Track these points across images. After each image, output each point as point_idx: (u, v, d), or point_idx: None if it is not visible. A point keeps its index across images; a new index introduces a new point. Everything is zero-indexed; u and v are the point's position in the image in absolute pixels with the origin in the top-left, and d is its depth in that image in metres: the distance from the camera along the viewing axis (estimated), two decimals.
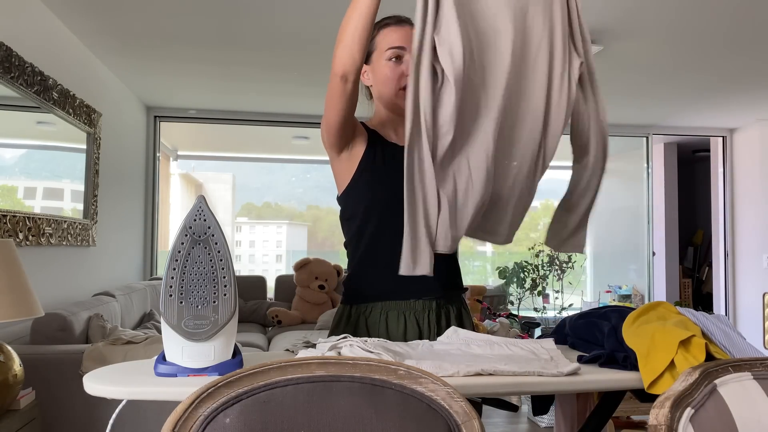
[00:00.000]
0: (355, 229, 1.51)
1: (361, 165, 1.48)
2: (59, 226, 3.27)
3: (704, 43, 3.71)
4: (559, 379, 1.13)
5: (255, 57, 3.98)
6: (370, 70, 1.53)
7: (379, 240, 1.49)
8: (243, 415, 0.84)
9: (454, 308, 1.56)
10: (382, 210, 1.47)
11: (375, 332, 1.49)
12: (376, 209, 1.48)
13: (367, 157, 1.48)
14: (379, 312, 1.49)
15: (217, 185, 12.79)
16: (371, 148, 1.49)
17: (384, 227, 1.47)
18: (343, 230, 1.57)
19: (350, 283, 1.55)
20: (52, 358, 2.60)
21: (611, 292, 7.00)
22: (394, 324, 1.48)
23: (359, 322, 1.50)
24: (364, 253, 1.51)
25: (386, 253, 1.45)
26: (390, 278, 1.39)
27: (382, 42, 1.50)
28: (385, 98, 1.52)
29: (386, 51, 1.49)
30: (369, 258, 1.51)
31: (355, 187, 1.49)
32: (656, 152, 7.25)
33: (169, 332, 1.09)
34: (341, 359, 0.90)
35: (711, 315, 1.30)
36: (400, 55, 1.49)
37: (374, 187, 1.48)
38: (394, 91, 1.49)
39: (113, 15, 3.27)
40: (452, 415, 0.86)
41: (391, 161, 1.48)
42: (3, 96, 2.69)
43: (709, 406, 0.94)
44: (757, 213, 6.06)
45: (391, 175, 1.45)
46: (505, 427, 3.80)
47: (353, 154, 1.48)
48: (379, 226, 1.48)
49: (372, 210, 1.48)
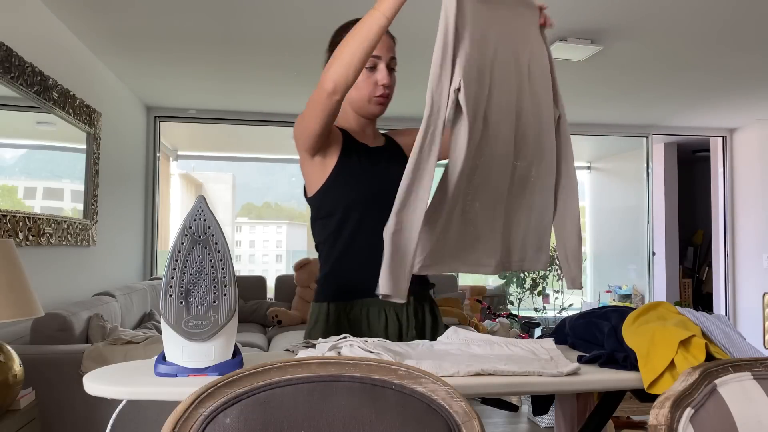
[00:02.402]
0: (333, 228, 1.52)
1: (337, 166, 1.50)
2: (59, 226, 3.27)
3: (704, 43, 3.71)
4: (559, 379, 1.13)
5: (255, 57, 3.98)
6: None
7: (357, 238, 1.51)
8: (243, 415, 0.84)
9: (427, 303, 1.62)
10: (360, 209, 1.50)
11: (357, 328, 1.51)
12: (354, 208, 1.50)
13: (343, 159, 1.50)
14: (360, 308, 1.52)
15: (217, 185, 12.78)
16: (346, 149, 1.52)
17: (362, 225, 1.51)
18: (316, 230, 1.57)
19: (328, 281, 1.55)
20: (52, 358, 2.60)
21: (611, 292, 7.00)
22: (375, 319, 1.52)
23: (340, 319, 1.51)
24: (343, 251, 1.52)
25: (364, 250, 1.50)
26: (370, 275, 1.43)
27: None
28: (356, 104, 1.55)
29: None
30: (347, 256, 1.52)
31: (332, 187, 1.50)
32: (656, 152, 7.25)
33: (169, 332, 1.09)
34: (341, 359, 0.90)
35: (711, 315, 1.30)
36: (375, 64, 1.51)
37: (351, 187, 1.50)
38: (367, 98, 1.52)
39: (113, 15, 3.27)
40: (452, 415, 0.86)
41: (365, 162, 1.53)
42: (3, 96, 2.69)
43: (709, 406, 0.94)
44: (757, 213, 6.06)
45: (366, 175, 1.51)
46: (505, 427, 3.80)
47: (328, 156, 1.49)
48: (356, 224, 1.51)
49: (350, 209, 1.51)
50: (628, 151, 7.05)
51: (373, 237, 1.47)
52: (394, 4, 1.27)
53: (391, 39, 1.54)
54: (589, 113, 5.72)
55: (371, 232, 1.48)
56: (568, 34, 3.55)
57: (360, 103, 1.54)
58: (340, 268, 1.53)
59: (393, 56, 1.54)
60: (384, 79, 1.51)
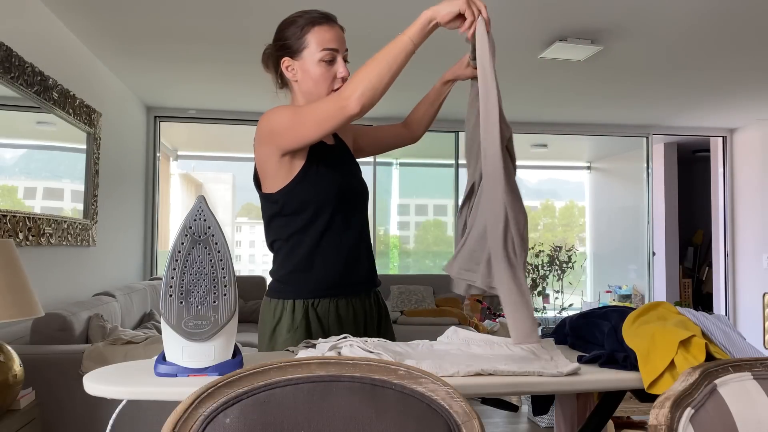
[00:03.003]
0: (300, 226, 1.50)
1: (305, 165, 1.48)
2: (59, 226, 3.27)
3: (704, 43, 3.71)
4: (559, 379, 1.13)
5: (255, 57, 3.95)
6: (299, 66, 1.51)
7: (325, 236, 1.51)
8: (243, 415, 0.84)
9: (380, 296, 1.67)
10: (329, 208, 1.50)
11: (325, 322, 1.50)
12: (324, 207, 1.50)
13: (311, 158, 1.49)
14: (328, 303, 1.52)
15: (217, 185, 12.79)
16: (312, 148, 1.51)
17: (331, 224, 1.51)
18: (275, 226, 1.53)
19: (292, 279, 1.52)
20: (52, 358, 2.61)
21: (611, 292, 7.00)
22: (343, 311, 1.53)
23: (309, 313, 1.50)
24: (311, 249, 1.51)
25: (333, 248, 1.51)
26: (337, 272, 1.51)
27: (316, 40, 1.48)
28: (315, 97, 1.51)
29: (321, 51, 1.48)
30: (317, 254, 1.51)
31: (300, 186, 1.48)
32: (656, 152, 7.25)
33: (169, 332, 1.09)
34: (341, 359, 0.90)
35: (711, 315, 1.30)
36: (334, 57, 1.49)
37: (322, 187, 1.49)
38: (326, 92, 1.50)
39: (113, 15, 3.27)
40: (452, 415, 0.86)
41: (331, 161, 1.53)
42: (3, 96, 2.69)
43: (709, 406, 0.94)
44: (757, 213, 6.06)
45: (334, 174, 1.52)
46: (505, 427, 3.80)
47: (297, 155, 1.47)
48: (326, 223, 1.50)
49: (320, 208, 1.50)
50: (628, 151, 7.05)
51: (340, 235, 1.52)
52: (422, 31, 1.30)
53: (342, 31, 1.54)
54: (589, 113, 5.72)
55: (338, 230, 1.51)
56: (568, 34, 3.55)
57: (319, 96, 1.51)
58: (310, 266, 1.51)
59: (346, 48, 1.54)
60: (344, 71, 1.50)
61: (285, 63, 1.52)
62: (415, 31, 1.30)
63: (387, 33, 3.54)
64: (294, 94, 1.57)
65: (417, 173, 7.11)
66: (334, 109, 1.33)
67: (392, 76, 1.31)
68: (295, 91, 1.56)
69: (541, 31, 3.53)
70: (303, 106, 1.41)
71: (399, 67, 1.31)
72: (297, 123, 1.39)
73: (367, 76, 1.31)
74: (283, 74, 1.55)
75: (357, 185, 1.59)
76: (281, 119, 1.42)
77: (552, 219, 9.31)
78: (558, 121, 6.08)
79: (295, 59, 1.51)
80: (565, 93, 4.97)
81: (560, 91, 4.91)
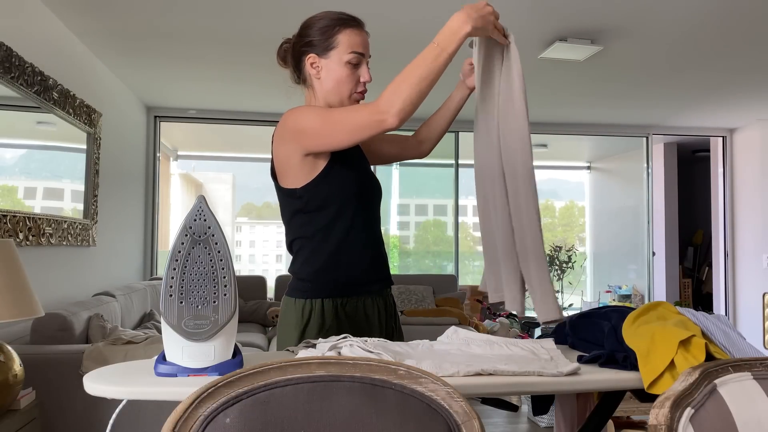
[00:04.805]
0: (326, 222, 1.49)
1: (330, 162, 1.48)
2: (59, 226, 3.27)
3: (704, 44, 3.71)
4: (559, 379, 1.13)
5: (255, 57, 3.98)
6: (324, 65, 1.51)
7: (350, 233, 1.51)
8: (243, 415, 0.84)
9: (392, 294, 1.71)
10: (353, 204, 1.51)
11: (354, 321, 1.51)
12: (349, 203, 1.50)
13: (333, 156, 1.49)
14: (355, 302, 1.52)
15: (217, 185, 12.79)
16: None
17: (355, 220, 1.51)
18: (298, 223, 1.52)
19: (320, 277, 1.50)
20: (52, 358, 2.61)
21: (611, 292, 7.00)
22: (370, 309, 1.54)
23: (339, 313, 1.50)
24: (338, 246, 1.50)
25: (359, 245, 1.51)
26: (363, 270, 1.51)
27: (346, 42, 1.49)
28: (335, 98, 1.52)
29: (349, 53, 1.49)
30: (343, 251, 1.50)
31: (325, 182, 1.48)
32: (656, 152, 7.25)
33: (169, 332, 1.09)
34: (341, 359, 0.90)
35: (711, 315, 1.30)
36: (360, 62, 1.51)
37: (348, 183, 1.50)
38: (348, 94, 1.52)
39: (113, 15, 3.27)
40: (452, 415, 0.86)
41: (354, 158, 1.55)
42: (3, 96, 2.69)
43: (709, 406, 0.94)
44: (757, 213, 6.06)
45: (358, 171, 1.53)
46: (505, 427, 3.80)
47: (321, 156, 1.47)
48: (351, 219, 1.51)
49: (345, 204, 1.50)
50: (628, 151, 7.05)
51: (364, 232, 1.53)
52: (455, 41, 1.33)
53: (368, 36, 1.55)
54: (589, 113, 5.72)
55: (362, 228, 1.52)
56: (568, 34, 3.55)
57: (340, 98, 1.52)
58: (337, 264, 1.50)
59: (370, 55, 1.56)
60: (368, 77, 1.52)
61: (310, 59, 1.52)
62: (454, 48, 1.33)
63: (387, 32, 3.54)
64: (311, 92, 1.57)
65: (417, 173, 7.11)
66: (372, 121, 1.34)
67: (429, 87, 1.33)
68: (314, 89, 1.55)
69: (541, 31, 3.53)
70: (333, 111, 1.40)
71: (436, 78, 1.33)
72: (328, 128, 1.39)
73: (406, 90, 1.31)
74: (303, 70, 1.55)
75: (375, 184, 1.60)
76: (311, 121, 1.41)
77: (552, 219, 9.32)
78: (558, 121, 6.08)
79: (322, 57, 1.51)
80: (565, 93, 4.97)
81: (560, 91, 4.91)
